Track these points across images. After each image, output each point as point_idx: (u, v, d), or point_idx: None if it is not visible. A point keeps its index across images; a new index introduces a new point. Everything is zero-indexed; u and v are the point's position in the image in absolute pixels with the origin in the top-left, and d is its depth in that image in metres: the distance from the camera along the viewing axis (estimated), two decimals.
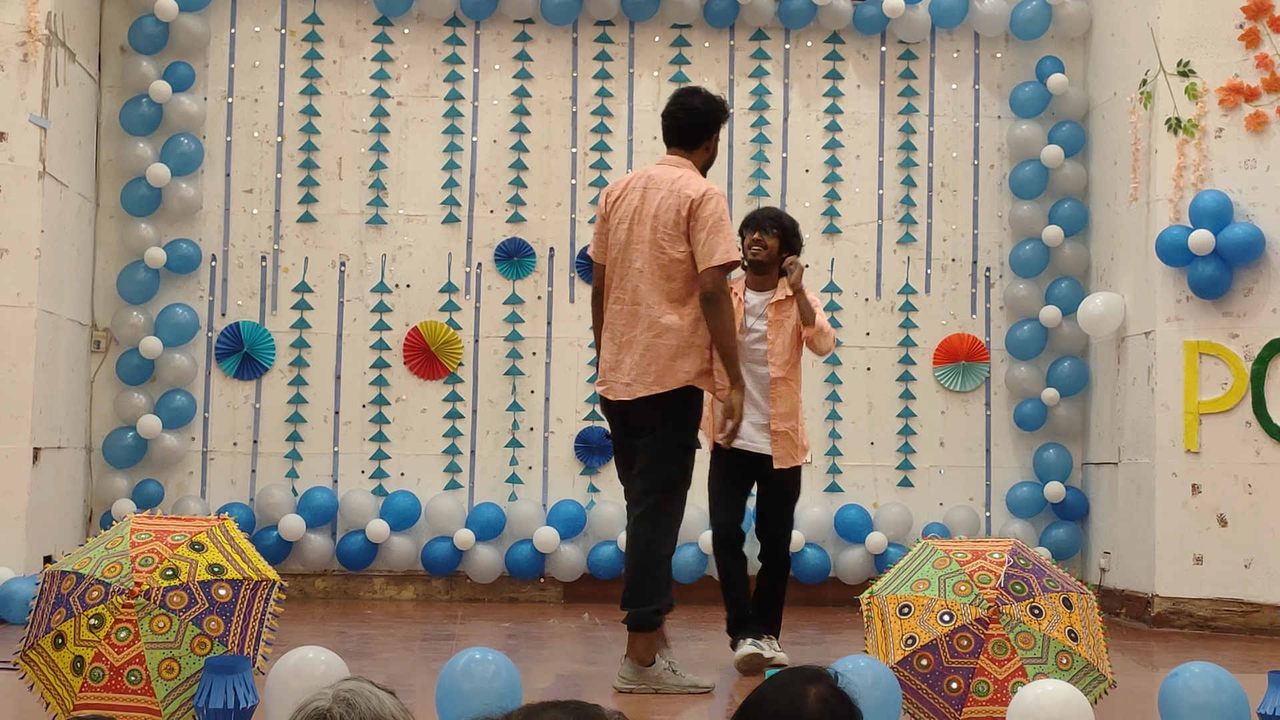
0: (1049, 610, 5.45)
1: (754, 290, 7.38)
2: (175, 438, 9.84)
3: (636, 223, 6.62)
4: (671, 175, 6.64)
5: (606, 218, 6.77)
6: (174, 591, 5.04)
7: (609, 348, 6.71)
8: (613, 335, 6.69)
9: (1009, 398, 10.44)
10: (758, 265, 7.33)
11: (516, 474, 10.13)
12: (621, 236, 6.66)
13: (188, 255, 9.93)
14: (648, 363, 6.55)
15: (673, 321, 6.53)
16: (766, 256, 7.31)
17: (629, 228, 6.64)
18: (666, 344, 6.53)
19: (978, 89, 10.61)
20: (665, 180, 6.63)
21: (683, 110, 6.73)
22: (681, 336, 6.53)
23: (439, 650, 7.62)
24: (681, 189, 6.55)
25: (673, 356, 6.53)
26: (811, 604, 9.98)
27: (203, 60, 10.14)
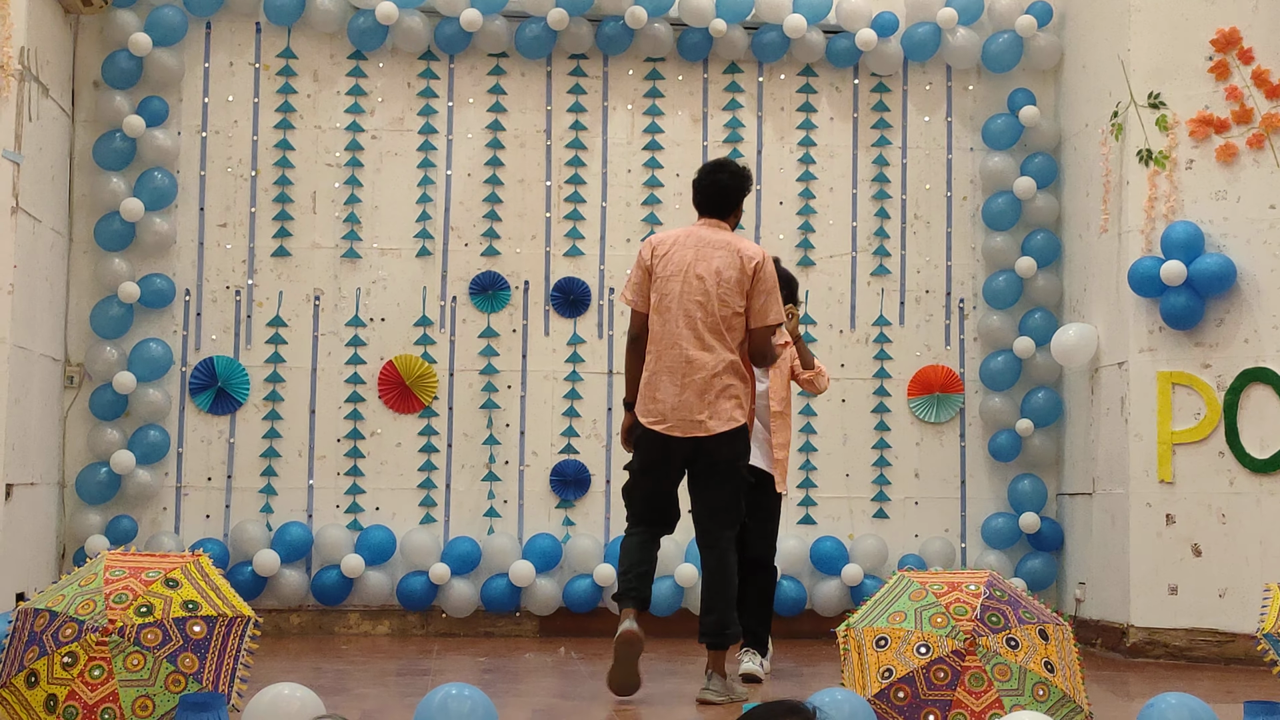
0: (1025, 642, 5.46)
1: None
2: (149, 473, 9.80)
3: (695, 277, 7.22)
4: (724, 237, 7.33)
5: (650, 270, 7.35)
6: (148, 628, 5.02)
7: (670, 389, 7.21)
8: (674, 378, 7.20)
9: (983, 429, 10.46)
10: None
11: (492, 508, 10.11)
12: (675, 288, 7.24)
13: (161, 290, 9.91)
14: (721, 401, 7.18)
15: (734, 365, 7.19)
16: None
17: (683, 280, 7.23)
18: (731, 384, 7.18)
19: (950, 121, 10.66)
20: (719, 241, 7.31)
21: (715, 186, 7.42)
22: (741, 378, 7.21)
23: (415, 686, 7.58)
24: (741, 250, 7.25)
25: (736, 395, 7.18)
26: (788, 636, 9.96)
27: (176, 95, 10.13)
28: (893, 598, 5.66)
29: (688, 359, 7.17)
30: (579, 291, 10.25)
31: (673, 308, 7.22)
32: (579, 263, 10.30)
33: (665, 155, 10.43)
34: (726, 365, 7.17)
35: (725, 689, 7.12)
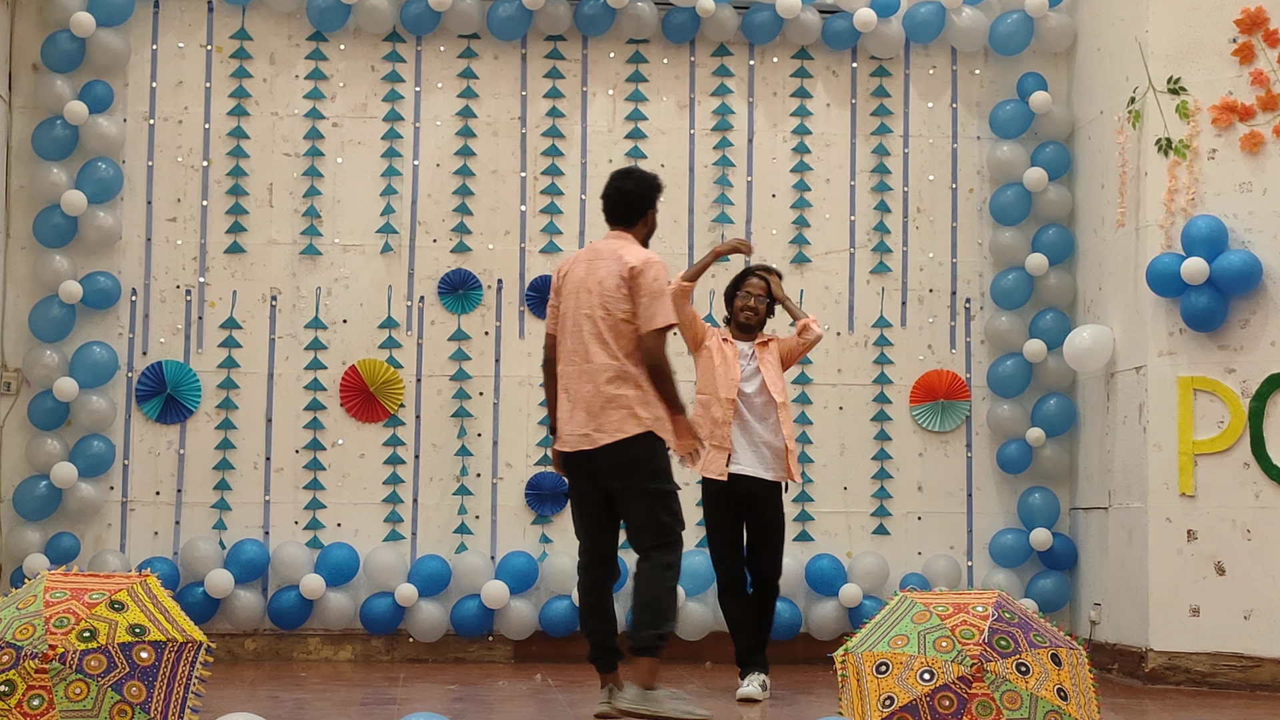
0: (1036, 667, 5.46)
1: (741, 340, 8.59)
2: (92, 487, 9.78)
3: (584, 291, 7.49)
4: (614, 247, 7.57)
5: (559, 290, 7.67)
6: (92, 655, 5.00)
7: (565, 407, 7.49)
8: (567, 395, 7.47)
9: (991, 438, 10.48)
10: (746, 327, 8.58)
11: (463, 524, 10.10)
12: (570, 306, 7.54)
13: (106, 289, 9.89)
14: (608, 412, 7.35)
15: (623, 373, 7.35)
16: (757, 320, 8.61)
17: (576, 296, 7.52)
18: (619, 394, 7.34)
19: (955, 108, 10.68)
20: (609, 251, 7.56)
21: (618, 193, 7.68)
22: (634, 385, 7.35)
23: (379, 716, 7.58)
24: (623, 257, 7.46)
25: (627, 405, 7.33)
26: (781, 661, 9.96)
27: (122, 79, 10.12)
28: (894, 620, 5.66)
29: (579, 374, 7.43)
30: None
31: (568, 326, 7.54)
32: (556, 260, 10.29)
33: (649, 144, 10.43)
34: (614, 374, 7.35)
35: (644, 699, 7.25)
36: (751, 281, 8.63)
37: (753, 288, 8.59)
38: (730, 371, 8.38)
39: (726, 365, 8.39)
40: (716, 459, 8.31)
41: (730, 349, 8.47)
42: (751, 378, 8.42)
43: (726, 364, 8.40)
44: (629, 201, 7.66)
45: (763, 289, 8.60)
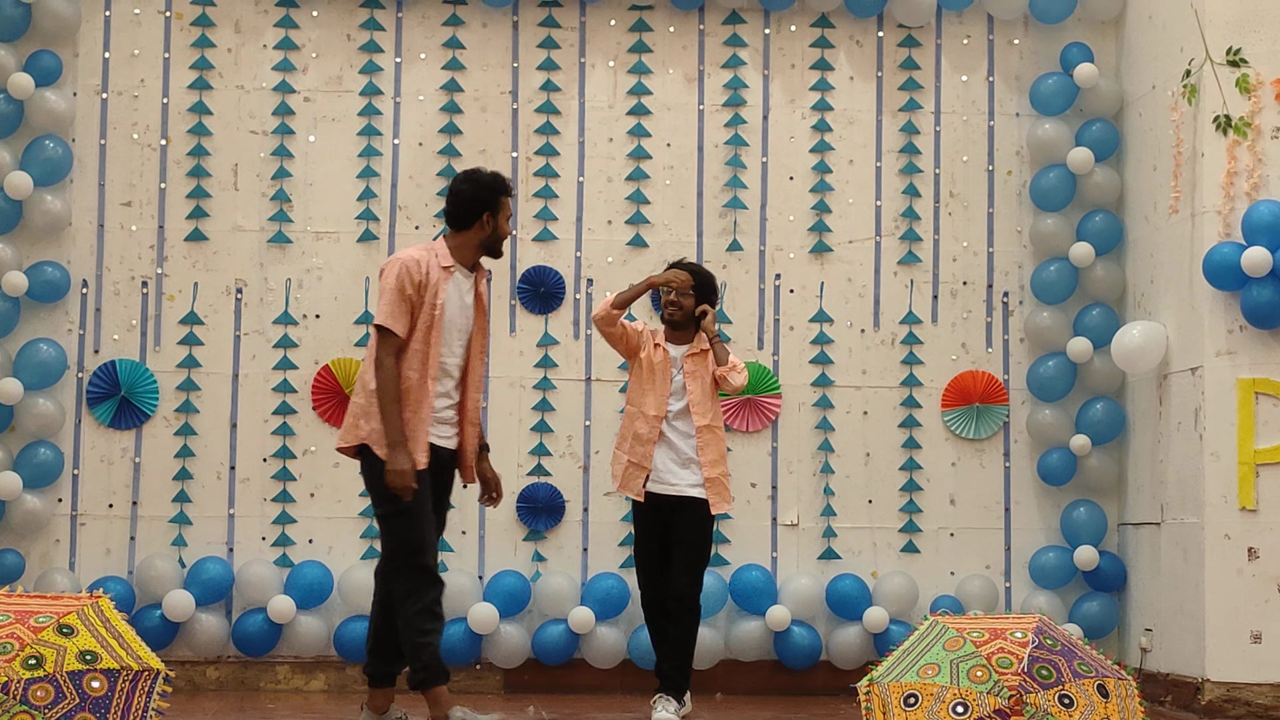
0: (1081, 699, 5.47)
1: (674, 344, 8.79)
2: (38, 499, 9.78)
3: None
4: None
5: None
6: (38, 684, 5.00)
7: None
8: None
9: (1031, 446, 10.47)
10: (674, 323, 8.77)
11: (446, 540, 10.10)
12: None
13: (53, 281, 9.89)
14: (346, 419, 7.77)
15: (361, 379, 7.72)
16: (682, 316, 8.73)
17: None
18: (355, 401, 7.70)
19: (992, 81, 10.68)
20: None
21: (451, 195, 7.91)
22: (366, 393, 7.64)
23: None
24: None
25: (353, 413, 7.67)
26: (799, 693, 9.98)
27: (71, 49, 10.12)
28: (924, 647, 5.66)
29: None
30: (551, 283, 10.26)
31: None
32: (551, 249, 10.30)
33: (654, 121, 10.44)
34: (359, 381, 7.73)
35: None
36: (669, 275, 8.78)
37: (671, 281, 8.71)
38: (659, 386, 8.66)
39: (655, 378, 8.66)
40: (634, 477, 8.63)
41: (662, 357, 8.70)
42: (679, 394, 8.69)
43: (655, 376, 8.66)
44: (459, 203, 7.84)
45: (684, 281, 8.68)
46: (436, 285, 7.62)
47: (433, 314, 7.58)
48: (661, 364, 8.66)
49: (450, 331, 7.67)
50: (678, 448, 8.63)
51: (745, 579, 10.06)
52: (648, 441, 8.58)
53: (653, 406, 8.61)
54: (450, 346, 7.68)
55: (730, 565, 10.12)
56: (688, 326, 8.74)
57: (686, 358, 8.68)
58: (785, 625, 9.95)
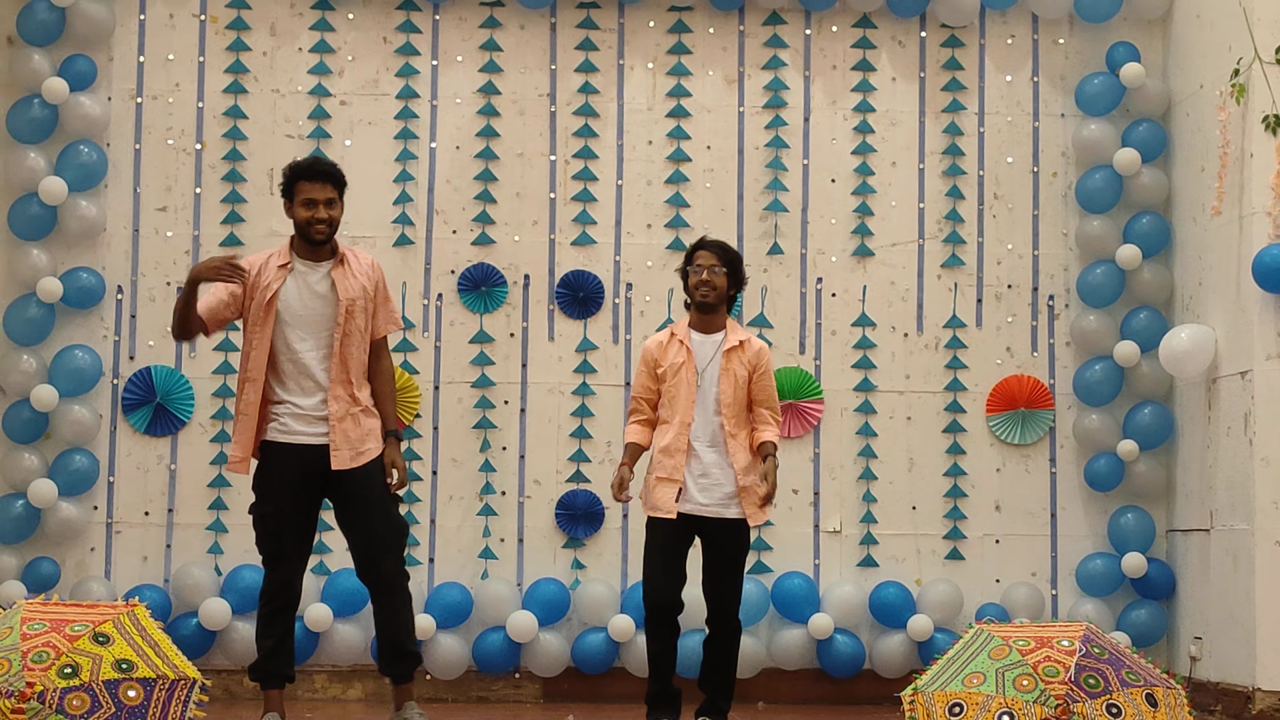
0: (1129, 708, 5.45)
1: (701, 332, 8.12)
2: (74, 506, 9.82)
3: None
4: None
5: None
6: (74, 693, 5.02)
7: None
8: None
9: (1078, 452, 10.44)
10: (705, 306, 8.09)
11: (487, 548, 10.11)
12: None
13: (88, 287, 9.94)
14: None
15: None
16: (715, 297, 8.07)
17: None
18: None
19: (1036, 81, 10.65)
20: None
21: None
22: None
23: None
24: None
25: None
26: (842, 702, 9.96)
27: (106, 53, 10.17)
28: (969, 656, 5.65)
29: None
30: (590, 287, 10.26)
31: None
32: (589, 253, 10.31)
33: (693, 123, 10.44)
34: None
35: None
36: (701, 254, 8.08)
37: (703, 259, 8.04)
38: (685, 391, 7.98)
39: (680, 384, 7.99)
40: (665, 493, 7.96)
41: (684, 358, 8.03)
42: (707, 391, 8.02)
43: (680, 382, 7.99)
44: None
45: (716, 259, 8.01)
46: (268, 284, 7.75)
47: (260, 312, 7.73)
48: (686, 366, 7.98)
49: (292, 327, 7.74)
50: (708, 458, 7.96)
51: (787, 586, 10.05)
52: (676, 452, 7.92)
53: (680, 413, 7.95)
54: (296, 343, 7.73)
55: (772, 573, 10.11)
56: (719, 310, 8.07)
57: (724, 353, 8.02)
58: (828, 633, 9.94)
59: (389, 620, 7.85)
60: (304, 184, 7.83)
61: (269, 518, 7.79)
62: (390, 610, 7.84)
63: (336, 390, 7.72)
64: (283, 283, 7.75)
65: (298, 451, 7.70)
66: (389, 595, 7.82)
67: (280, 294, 7.73)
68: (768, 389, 8.09)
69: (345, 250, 7.91)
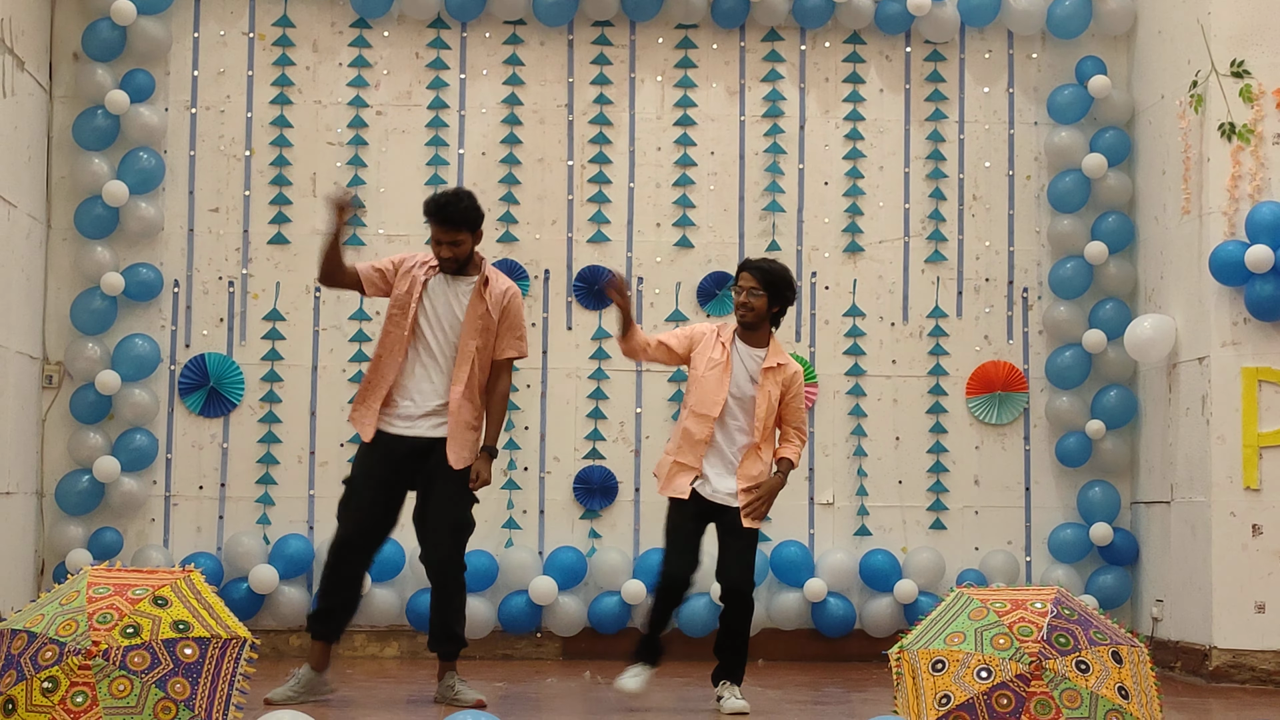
0: (1097, 665, 5.44)
1: (746, 344, 7.91)
2: (135, 481, 9.84)
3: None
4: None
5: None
6: (135, 651, 5.03)
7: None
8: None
9: (1050, 431, 10.43)
10: (747, 325, 7.88)
11: (511, 518, 10.12)
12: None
13: (148, 281, 9.95)
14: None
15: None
16: (754, 317, 7.86)
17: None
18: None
19: (1012, 92, 10.63)
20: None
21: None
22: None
23: (426, 714, 7.60)
24: None
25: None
26: (835, 659, 9.97)
27: (164, 67, 10.17)
28: (950, 617, 5.65)
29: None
30: (604, 281, 10.26)
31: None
32: (604, 249, 10.31)
33: (699, 131, 10.43)
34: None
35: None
36: (743, 276, 7.88)
37: (744, 281, 7.83)
38: (715, 387, 7.78)
39: (711, 378, 7.79)
40: (681, 477, 7.81)
41: (721, 356, 7.84)
42: (741, 398, 7.80)
43: (711, 376, 7.79)
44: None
45: (756, 282, 7.77)
46: (412, 276, 7.76)
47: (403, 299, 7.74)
48: (721, 364, 7.78)
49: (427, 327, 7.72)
50: (729, 455, 7.80)
51: (785, 554, 10.06)
52: (699, 442, 7.74)
53: (707, 406, 7.75)
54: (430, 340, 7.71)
55: (771, 541, 10.10)
56: (761, 328, 7.84)
57: (763, 371, 7.81)
58: (822, 596, 9.94)
59: (441, 605, 7.83)
60: (432, 223, 7.73)
61: (355, 481, 7.80)
62: (444, 596, 7.82)
63: (456, 393, 7.66)
64: (426, 283, 7.74)
65: (406, 442, 7.71)
66: (442, 581, 7.80)
67: (425, 292, 7.72)
68: (798, 411, 7.92)
69: (490, 274, 7.80)
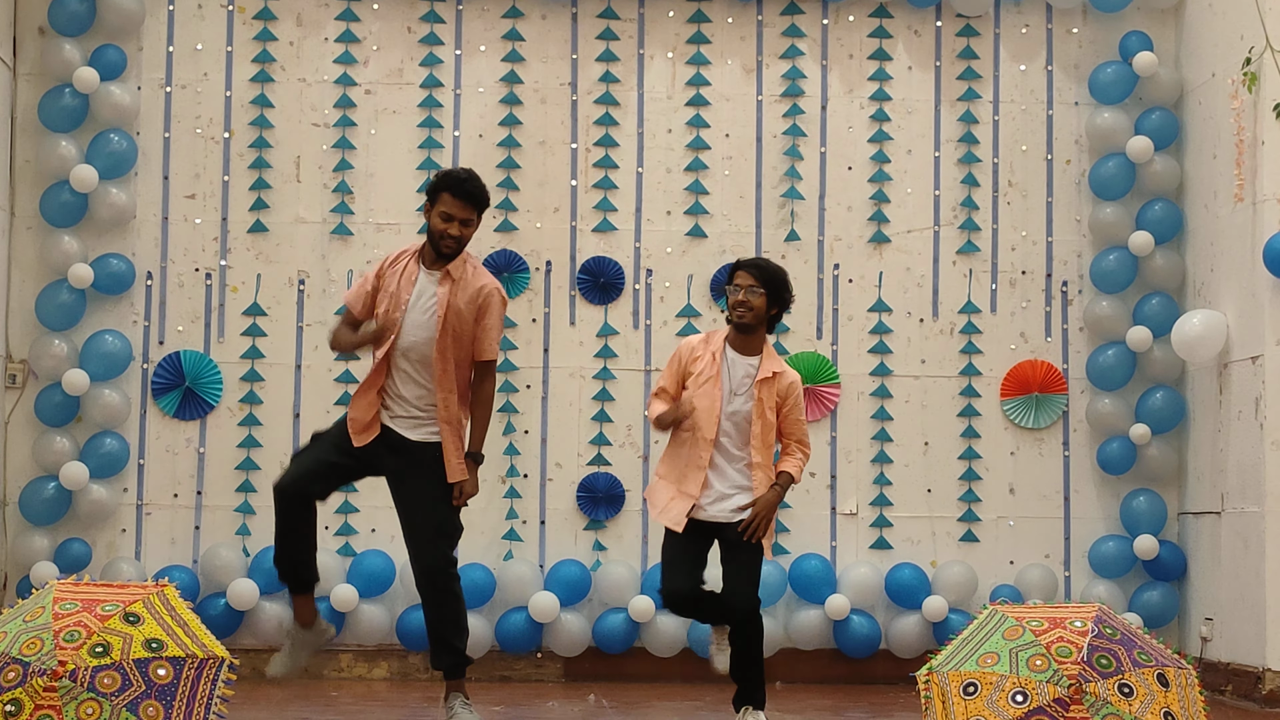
0: (1141, 688, 5.45)
1: (739, 352, 7.70)
2: (105, 489, 9.85)
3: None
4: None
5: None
6: (104, 672, 5.04)
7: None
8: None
9: (1091, 436, 10.43)
10: (743, 327, 7.66)
11: (511, 530, 10.13)
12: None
13: (118, 273, 9.96)
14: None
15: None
16: (753, 318, 7.65)
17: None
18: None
19: (1050, 70, 10.63)
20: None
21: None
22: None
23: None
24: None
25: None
26: (858, 681, 9.97)
27: (136, 43, 10.18)
28: (983, 636, 5.65)
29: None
30: (610, 273, 10.26)
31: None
32: (610, 239, 10.32)
33: (712, 112, 10.43)
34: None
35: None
36: (740, 274, 7.68)
37: (742, 279, 7.64)
38: (710, 403, 7.60)
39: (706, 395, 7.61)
40: (678, 508, 7.64)
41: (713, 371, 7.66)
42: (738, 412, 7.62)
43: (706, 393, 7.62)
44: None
45: (755, 279, 7.60)
46: (399, 275, 7.62)
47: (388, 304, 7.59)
48: (711, 377, 7.62)
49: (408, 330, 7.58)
50: (729, 475, 7.62)
51: (804, 568, 10.06)
52: (696, 469, 7.58)
53: (702, 427, 7.57)
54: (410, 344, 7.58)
55: (789, 554, 10.11)
56: (757, 331, 7.66)
57: (758, 383, 7.62)
58: (844, 614, 9.94)
59: (431, 613, 7.70)
60: (448, 197, 7.53)
61: (317, 435, 7.83)
62: (433, 605, 7.67)
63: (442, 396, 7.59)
64: (411, 284, 7.65)
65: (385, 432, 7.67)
66: (430, 590, 7.65)
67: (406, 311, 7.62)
68: (798, 423, 7.75)
69: (468, 264, 7.68)
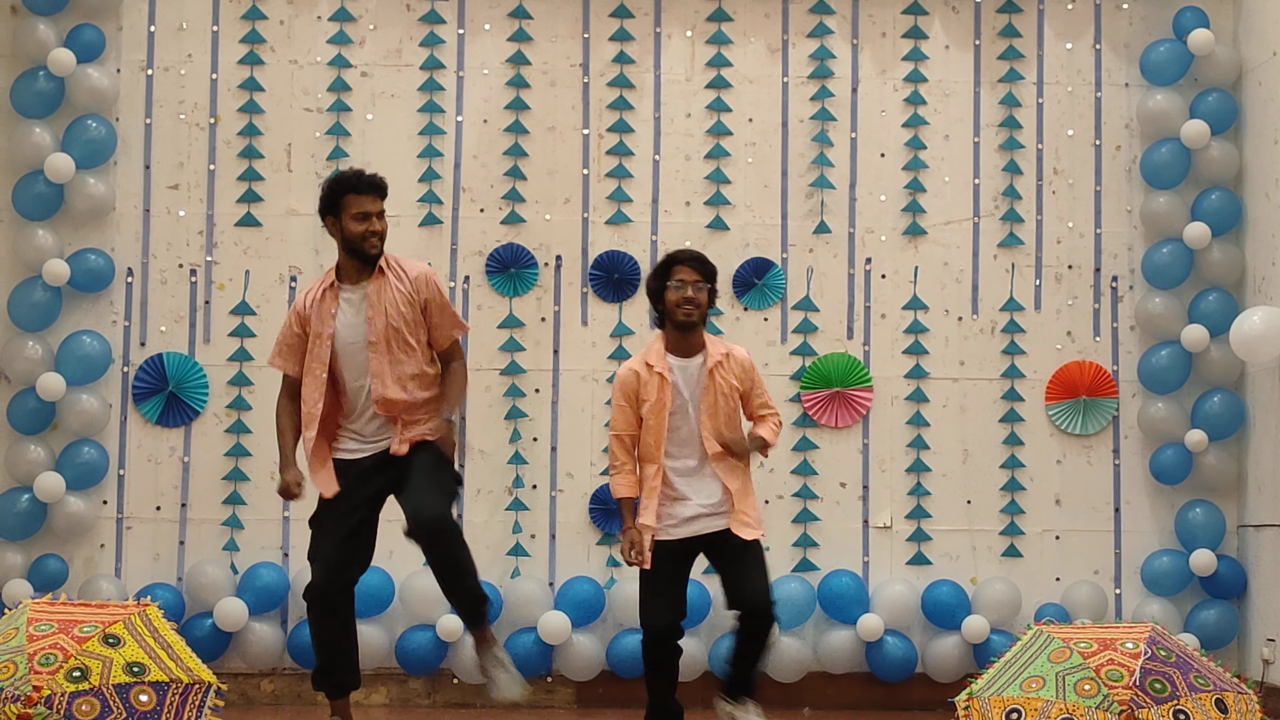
0: (1198, 715, 5.44)
1: (677, 356, 7.84)
2: (82, 501, 9.86)
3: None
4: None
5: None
6: (82, 698, 5.05)
7: None
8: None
9: (1143, 442, 10.42)
10: (685, 326, 7.79)
11: (518, 544, 10.13)
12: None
13: (97, 269, 9.97)
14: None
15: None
16: (700, 316, 7.81)
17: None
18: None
19: (1099, 49, 10.62)
20: None
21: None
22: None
23: None
24: None
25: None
26: (893, 708, 9.96)
27: (115, 22, 10.20)
28: (1028, 659, 5.65)
29: None
30: (625, 269, 10.27)
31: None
32: (625, 232, 10.31)
33: (735, 95, 10.43)
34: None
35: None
36: (681, 269, 7.76)
37: (685, 274, 7.73)
38: (658, 428, 7.72)
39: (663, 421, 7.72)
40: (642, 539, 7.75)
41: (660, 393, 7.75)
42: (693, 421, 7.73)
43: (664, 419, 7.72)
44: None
45: (699, 274, 7.71)
46: (322, 313, 7.72)
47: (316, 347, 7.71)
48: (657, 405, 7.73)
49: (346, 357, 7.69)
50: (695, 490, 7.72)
51: (835, 585, 10.05)
52: (651, 494, 7.72)
53: (650, 453, 7.73)
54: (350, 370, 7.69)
55: (819, 571, 10.10)
56: (698, 329, 7.78)
57: (708, 372, 7.73)
58: (878, 635, 9.94)
59: (439, 563, 7.75)
60: (354, 197, 7.74)
61: (317, 519, 7.88)
62: (439, 556, 7.73)
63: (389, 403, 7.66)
64: (336, 317, 7.72)
65: (357, 463, 7.79)
66: (435, 539, 7.68)
67: (337, 330, 7.70)
68: (762, 396, 7.92)
69: (391, 263, 7.83)
